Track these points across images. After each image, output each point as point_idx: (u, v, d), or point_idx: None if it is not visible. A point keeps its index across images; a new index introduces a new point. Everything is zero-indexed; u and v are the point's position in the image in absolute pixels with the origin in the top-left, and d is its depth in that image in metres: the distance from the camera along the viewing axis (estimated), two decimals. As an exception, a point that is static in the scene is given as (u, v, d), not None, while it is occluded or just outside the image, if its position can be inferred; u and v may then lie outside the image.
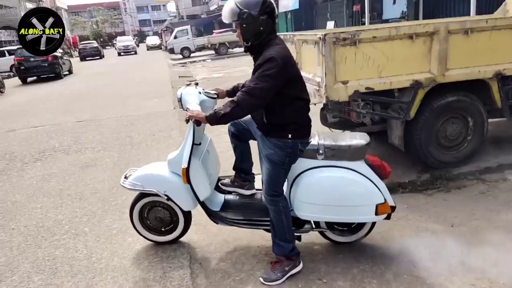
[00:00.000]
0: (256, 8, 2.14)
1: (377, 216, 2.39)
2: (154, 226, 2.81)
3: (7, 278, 2.61)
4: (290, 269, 2.37)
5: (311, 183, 2.38)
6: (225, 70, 15.42)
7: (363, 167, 2.40)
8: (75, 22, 64.26)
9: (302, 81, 2.32)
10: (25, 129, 7.26)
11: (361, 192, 2.38)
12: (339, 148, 2.36)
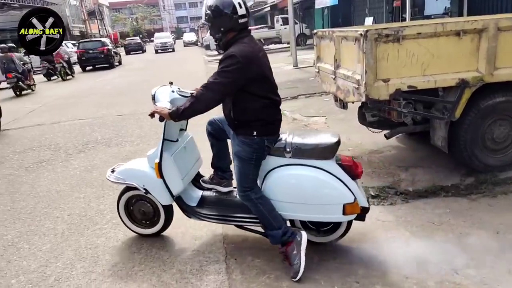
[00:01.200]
0: (228, 8, 2.25)
1: (345, 216, 2.39)
2: (139, 218, 2.93)
3: (52, 264, 2.74)
4: (298, 250, 2.37)
5: (277, 181, 2.43)
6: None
7: (332, 166, 2.40)
8: (116, 18, 66.45)
9: (270, 82, 2.39)
10: (69, 121, 7.59)
11: (327, 191, 2.38)
12: (307, 146, 2.39)
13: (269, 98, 2.36)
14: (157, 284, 2.41)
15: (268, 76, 2.37)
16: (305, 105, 7.55)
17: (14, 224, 3.40)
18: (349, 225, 2.59)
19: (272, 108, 2.39)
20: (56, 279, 2.55)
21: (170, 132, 2.70)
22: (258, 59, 2.31)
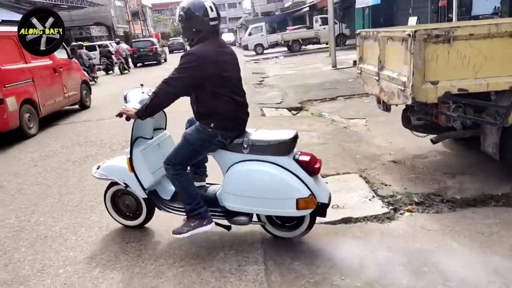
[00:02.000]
0: (199, 10, 2.43)
1: (298, 210, 2.45)
2: (123, 211, 3.15)
3: (97, 256, 2.85)
4: (195, 226, 2.63)
5: (234, 176, 2.56)
6: (298, 67, 15.32)
7: (288, 162, 2.50)
8: (158, 19, 68.41)
9: (231, 82, 2.55)
10: (112, 119, 7.88)
11: (280, 185, 2.47)
12: (262, 143, 2.51)
13: (229, 97, 2.52)
14: (197, 281, 2.44)
15: (228, 77, 2.53)
16: (344, 106, 7.41)
17: (62, 216, 3.57)
18: (312, 221, 2.66)
19: (231, 106, 2.54)
20: (101, 271, 2.64)
21: (144, 130, 2.93)
22: (217, 60, 2.47)
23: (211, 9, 2.46)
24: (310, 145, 4.97)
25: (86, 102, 9.75)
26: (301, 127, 5.94)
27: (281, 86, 10.64)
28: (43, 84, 7.54)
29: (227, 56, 2.58)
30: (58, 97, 8.18)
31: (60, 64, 8.42)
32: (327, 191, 2.62)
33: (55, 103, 8.06)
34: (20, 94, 6.69)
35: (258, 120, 6.70)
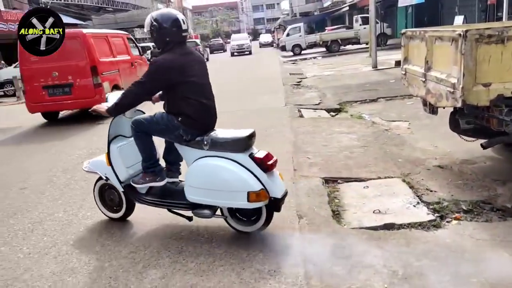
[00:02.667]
0: (172, 22, 2.73)
1: (249, 203, 2.66)
2: (109, 204, 3.41)
3: (140, 251, 2.93)
4: (150, 181, 3.04)
5: (194, 170, 2.81)
6: (337, 68, 15.09)
7: (244, 158, 2.72)
8: (197, 21, 69.79)
9: (196, 86, 2.83)
10: (154, 118, 8.12)
11: (233, 179, 2.69)
12: (220, 140, 2.76)
13: (196, 100, 2.81)
14: (236, 281, 2.46)
15: (195, 82, 2.81)
16: (385, 108, 7.22)
17: (108, 210, 3.70)
18: (269, 217, 2.83)
19: (198, 109, 2.82)
20: (144, 266, 2.72)
21: (124, 129, 3.22)
22: (181, 67, 2.75)
23: (183, 22, 2.81)
24: (349, 148, 4.88)
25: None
26: (340, 129, 5.85)
27: (319, 87, 10.52)
28: (124, 74, 9.39)
29: (194, 63, 2.88)
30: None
31: (135, 59, 10.49)
32: (281, 187, 2.79)
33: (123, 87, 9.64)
34: (111, 80, 8.65)
35: (296, 121, 6.67)
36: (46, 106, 8.55)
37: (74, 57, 8.08)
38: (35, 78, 8.20)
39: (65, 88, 8.22)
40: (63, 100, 8.28)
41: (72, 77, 8.16)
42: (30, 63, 8.10)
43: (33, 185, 4.60)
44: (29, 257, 3.00)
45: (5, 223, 3.66)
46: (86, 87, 8.16)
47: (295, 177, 4.09)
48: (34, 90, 8.28)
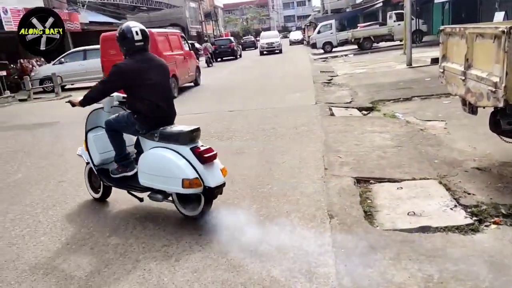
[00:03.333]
0: (129, 34, 3.25)
1: (184, 188, 3.07)
2: (93, 185, 3.97)
3: (173, 245, 2.99)
4: (122, 172, 3.60)
5: (144, 158, 3.31)
6: (369, 65, 14.78)
7: (185, 150, 3.12)
8: (228, 19, 70.30)
9: (153, 89, 3.29)
10: (188, 115, 8.25)
11: (172, 167, 3.09)
12: (166, 133, 3.20)
13: (150, 101, 3.27)
14: (267, 279, 2.46)
15: (150, 84, 3.27)
16: (420, 107, 7.01)
17: (141, 204, 3.80)
18: (208, 204, 3.22)
19: (151, 108, 3.27)
20: (176, 259, 2.78)
21: (102, 121, 3.65)
22: (136, 71, 3.24)
23: (137, 33, 3.26)
24: (382, 147, 4.78)
25: (198, 81, 14.01)
26: (372, 128, 5.74)
27: (350, 85, 10.35)
28: (179, 66, 11.72)
29: (151, 68, 3.33)
30: (186, 75, 12.52)
31: (186, 54, 12.91)
32: (218, 179, 3.14)
33: (184, 79, 12.31)
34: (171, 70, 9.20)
35: (326, 120, 6.59)
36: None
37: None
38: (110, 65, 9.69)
39: None
40: None
41: None
42: (109, 56, 10.01)
43: (70, 179, 4.79)
44: (67, 248, 3.13)
45: (45, 214, 3.83)
46: None
47: (325, 176, 4.05)
48: None
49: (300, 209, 3.36)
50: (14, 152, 6.53)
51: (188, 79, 13.11)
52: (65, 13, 20.96)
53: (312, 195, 3.64)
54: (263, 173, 4.37)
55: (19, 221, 3.74)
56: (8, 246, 3.26)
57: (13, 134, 8.28)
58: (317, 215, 3.20)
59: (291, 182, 4.02)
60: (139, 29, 3.30)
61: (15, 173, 5.32)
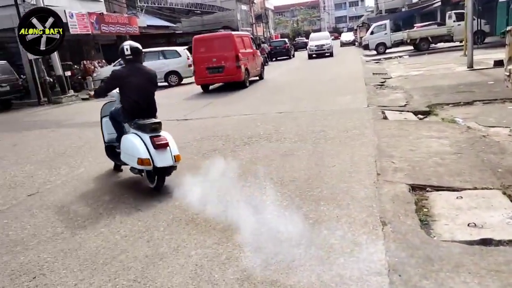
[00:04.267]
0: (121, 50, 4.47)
1: (138, 165, 4.14)
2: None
3: (223, 243, 3.05)
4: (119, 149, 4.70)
5: (122, 140, 4.48)
6: (426, 67, 14.14)
7: (145, 137, 4.16)
8: (279, 21, 70.47)
9: (134, 91, 4.37)
10: (236, 116, 8.40)
11: (133, 148, 4.17)
12: (136, 124, 4.31)
13: (132, 99, 4.38)
14: (316, 283, 2.44)
15: (130, 86, 4.37)
16: (482, 112, 6.59)
17: (194, 202, 3.92)
18: (160, 179, 4.23)
19: (132, 105, 4.40)
20: (227, 257, 2.84)
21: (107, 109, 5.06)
22: (124, 77, 4.41)
23: (127, 49, 4.40)
24: (440, 154, 4.55)
25: (262, 76, 16.55)
26: (429, 133, 5.48)
27: (405, 88, 9.96)
28: (250, 61, 14.42)
29: (136, 75, 4.40)
30: (254, 70, 15.24)
31: (255, 52, 15.74)
32: (166, 161, 4.10)
33: (253, 72, 14.89)
34: (244, 64, 13.56)
35: (379, 123, 6.40)
36: (207, 80, 13.64)
37: (225, 49, 13.05)
38: (201, 63, 13.23)
39: (219, 69, 13.17)
40: (217, 76, 13.38)
41: (224, 62, 13.04)
42: (200, 53, 13.30)
43: (129, 174, 5.04)
44: (125, 239, 3.31)
45: (105, 207, 4.08)
46: (231, 68, 13.03)
47: (378, 181, 3.94)
48: (200, 70, 13.41)
49: (351, 215, 3.29)
50: (77, 148, 7.00)
51: (256, 73, 15.62)
52: (125, 17, 22.15)
53: (363, 200, 3.55)
54: (313, 176, 4.33)
55: (81, 212, 4.01)
56: (72, 235, 3.50)
57: (77, 131, 8.88)
58: (369, 222, 3.12)
59: (342, 186, 3.95)
60: (129, 46, 4.42)
61: (78, 168, 5.71)
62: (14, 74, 15.48)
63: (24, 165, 6.19)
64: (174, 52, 18.12)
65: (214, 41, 13.85)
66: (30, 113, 13.67)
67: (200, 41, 13.71)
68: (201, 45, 13.45)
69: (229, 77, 13.25)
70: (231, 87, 13.62)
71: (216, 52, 13.03)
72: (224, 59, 13.00)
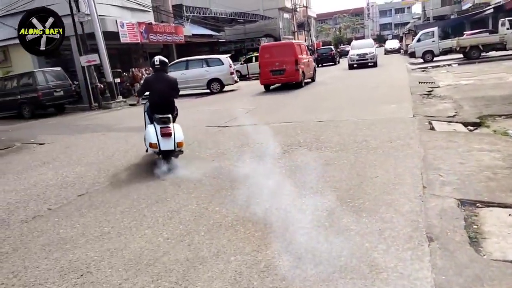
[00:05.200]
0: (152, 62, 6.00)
1: (149, 148, 5.63)
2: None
3: (262, 251, 3.06)
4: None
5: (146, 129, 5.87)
6: (477, 76, 13.47)
7: (157, 127, 5.52)
8: (321, 29, 70.09)
9: (157, 92, 5.73)
10: (277, 124, 8.41)
11: (148, 134, 5.60)
12: (155, 118, 5.61)
13: (154, 98, 5.75)
14: (357, 297, 2.38)
15: (153, 89, 5.77)
16: (540, 125, 6.16)
17: (233, 208, 3.97)
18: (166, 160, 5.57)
19: (155, 102, 5.75)
20: (266, 265, 2.84)
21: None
22: (150, 83, 5.81)
23: (156, 61, 5.79)
24: (492, 168, 4.31)
25: (314, 78, 18.81)
26: (480, 146, 5.21)
27: (454, 98, 9.54)
28: (305, 65, 16.81)
29: (159, 81, 5.76)
30: (308, 73, 17.54)
31: (309, 58, 18.55)
32: (168, 146, 5.47)
33: (307, 75, 17.28)
34: (302, 68, 16.10)
35: (426, 134, 6.16)
36: (270, 81, 16.31)
37: (286, 55, 15.58)
38: (266, 66, 15.90)
39: (281, 71, 15.75)
40: (279, 77, 16.02)
41: (285, 65, 15.58)
42: (265, 58, 16.03)
43: (171, 178, 5.20)
44: (168, 242, 3.40)
45: (149, 209, 4.22)
46: (291, 71, 15.59)
47: (424, 195, 3.79)
48: (265, 73, 16.04)
49: (394, 228, 3.19)
50: (124, 151, 7.31)
51: (309, 75, 17.82)
52: (172, 27, 22.96)
53: (408, 214, 3.43)
54: (354, 187, 4.24)
55: (127, 213, 4.18)
56: (118, 236, 3.65)
57: (124, 135, 9.29)
58: (414, 237, 3.00)
59: (385, 198, 3.84)
60: (158, 59, 5.83)
61: (125, 170, 5.97)
62: (68, 80, 16.50)
63: (75, 166, 6.55)
64: (217, 60, 18.51)
65: (277, 48, 16.73)
66: (82, 117, 14.47)
67: (265, 48, 16.99)
68: (266, 52, 16.36)
69: (289, 78, 15.82)
70: (288, 87, 16.14)
71: (279, 58, 15.58)
72: (285, 63, 15.54)
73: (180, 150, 5.60)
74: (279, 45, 18.32)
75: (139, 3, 20.31)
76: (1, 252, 3.59)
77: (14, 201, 5.05)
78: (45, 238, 3.79)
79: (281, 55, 15.55)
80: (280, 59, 15.54)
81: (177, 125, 5.68)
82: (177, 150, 5.54)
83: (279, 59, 15.54)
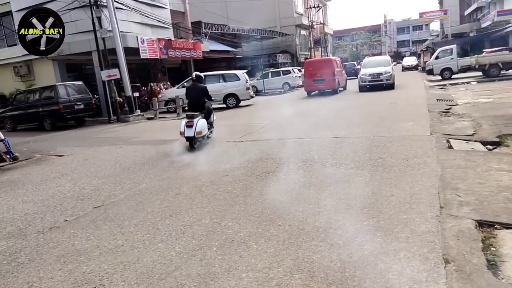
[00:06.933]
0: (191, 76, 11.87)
1: (180, 135, 8.33)
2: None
3: (274, 268, 3.04)
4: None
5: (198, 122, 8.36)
6: (496, 94, 13.23)
7: (186, 121, 8.22)
8: (337, 46, 70.36)
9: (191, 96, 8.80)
10: (291, 139, 8.41)
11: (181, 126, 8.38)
12: (187, 115, 8.43)
13: (189, 100, 8.87)
14: (370, 319, 2.33)
15: (188, 96, 8.87)
16: None
17: (246, 224, 3.97)
18: (191, 145, 8.26)
19: (188, 104, 9.02)
20: (277, 283, 2.81)
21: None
22: (187, 90, 9.00)
23: (193, 76, 9.23)
24: (511, 189, 4.19)
25: (345, 87, 23.37)
26: (499, 166, 5.09)
27: (473, 116, 9.37)
28: (338, 75, 21.29)
29: (193, 89, 8.81)
30: (342, 82, 22.53)
31: (341, 70, 23.42)
32: (189, 133, 8.03)
33: (341, 83, 22.18)
34: (337, 78, 20.79)
35: (443, 153, 6.05)
36: (312, 88, 20.97)
37: (326, 68, 20.21)
38: (310, 77, 20.71)
39: (321, 80, 20.32)
40: (319, 85, 20.55)
41: (324, 76, 20.13)
42: (309, 71, 20.88)
43: (185, 192, 5.24)
44: (180, 256, 3.41)
45: (163, 223, 4.25)
46: (329, 80, 20.19)
47: (441, 215, 3.71)
48: (309, 82, 20.90)
49: (410, 249, 3.12)
50: (141, 164, 7.42)
51: (342, 85, 22.54)
52: (190, 43, 23.44)
53: (424, 234, 3.36)
54: (369, 205, 4.19)
55: (141, 226, 4.22)
56: (131, 249, 3.68)
57: (141, 148, 9.43)
58: (430, 258, 2.93)
59: (400, 218, 3.77)
60: (195, 74, 9.09)
61: (140, 183, 6.04)
62: (88, 94, 16.94)
63: (92, 178, 6.67)
64: (234, 76, 18.75)
65: (319, 63, 22.20)
66: (101, 130, 14.78)
67: (309, 63, 22.50)
68: (309, 66, 21.45)
69: (327, 86, 20.37)
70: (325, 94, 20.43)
71: (320, 70, 20.27)
72: (325, 74, 20.12)
73: (200, 137, 8.26)
74: (320, 60, 25.50)
75: (159, 19, 20.85)
76: (18, 262, 3.66)
77: (32, 211, 5.16)
78: (60, 249, 3.85)
79: (321, 68, 20.19)
80: (321, 71, 20.16)
81: (202, 120, 8.32)
82: (197, 137, 8.09)
83: (320, 71, 20.18)
